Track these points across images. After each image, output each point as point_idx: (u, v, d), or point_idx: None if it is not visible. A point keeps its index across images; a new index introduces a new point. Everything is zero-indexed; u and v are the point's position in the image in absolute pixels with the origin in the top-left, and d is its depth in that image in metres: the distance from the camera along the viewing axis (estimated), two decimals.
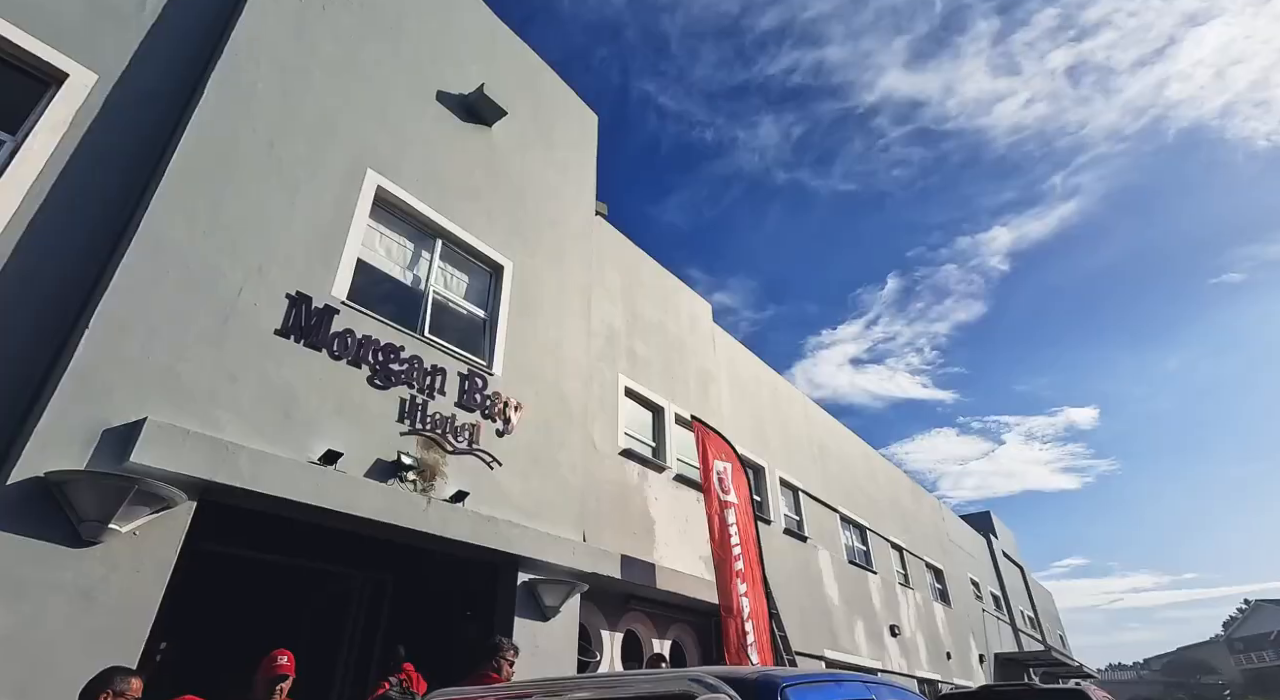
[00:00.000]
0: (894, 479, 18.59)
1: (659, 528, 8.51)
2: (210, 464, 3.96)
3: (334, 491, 4.64)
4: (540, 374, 7.18)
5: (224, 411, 4.34)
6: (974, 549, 23.60)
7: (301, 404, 4.86)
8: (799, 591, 11.33)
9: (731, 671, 1.70)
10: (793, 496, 12.78)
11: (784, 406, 13.88)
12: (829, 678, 1.86)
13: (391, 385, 5.57)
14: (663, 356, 10.33)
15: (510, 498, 6.20)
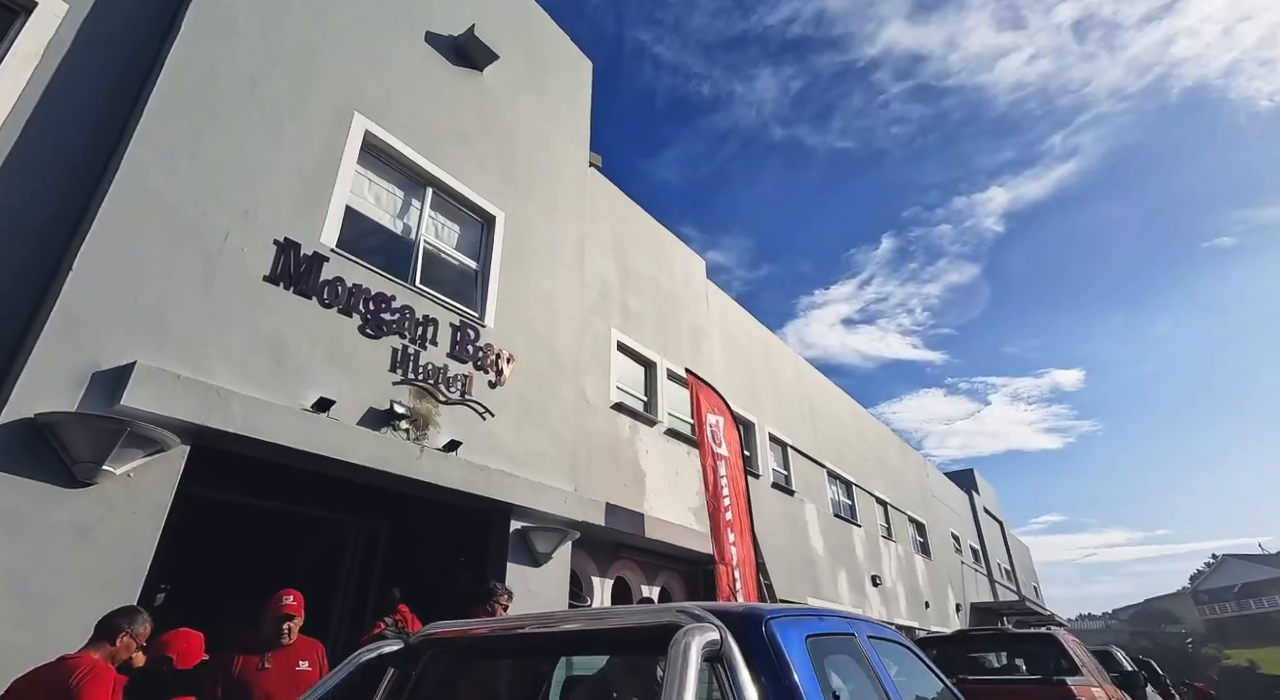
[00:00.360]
0: (881, 436, 18.90)
1: (649, 480, 8.66)
2: (202, 409, 3.96)
3: (327, 438, 4.67)
4: (532, 326, 7.17)
5: (214, 357, 4.31)
6: (956, 504, 24.22)
7: (292, 352, 4.84)
8: (785, 543, 11.64)
9: (718, 606, 1.75)
10: (782, 452, 13.00)
11: (775, 364, 13.97)
12: (811, 612, 1.93)
13: (383, 335, 5.54)
14: (656, 311, 10.31)
15: (502, 448, 6.27)
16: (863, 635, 2.09)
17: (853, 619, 2.15)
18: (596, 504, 7.13)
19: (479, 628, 2.05)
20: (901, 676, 2.25)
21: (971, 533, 25.03)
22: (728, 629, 1.57)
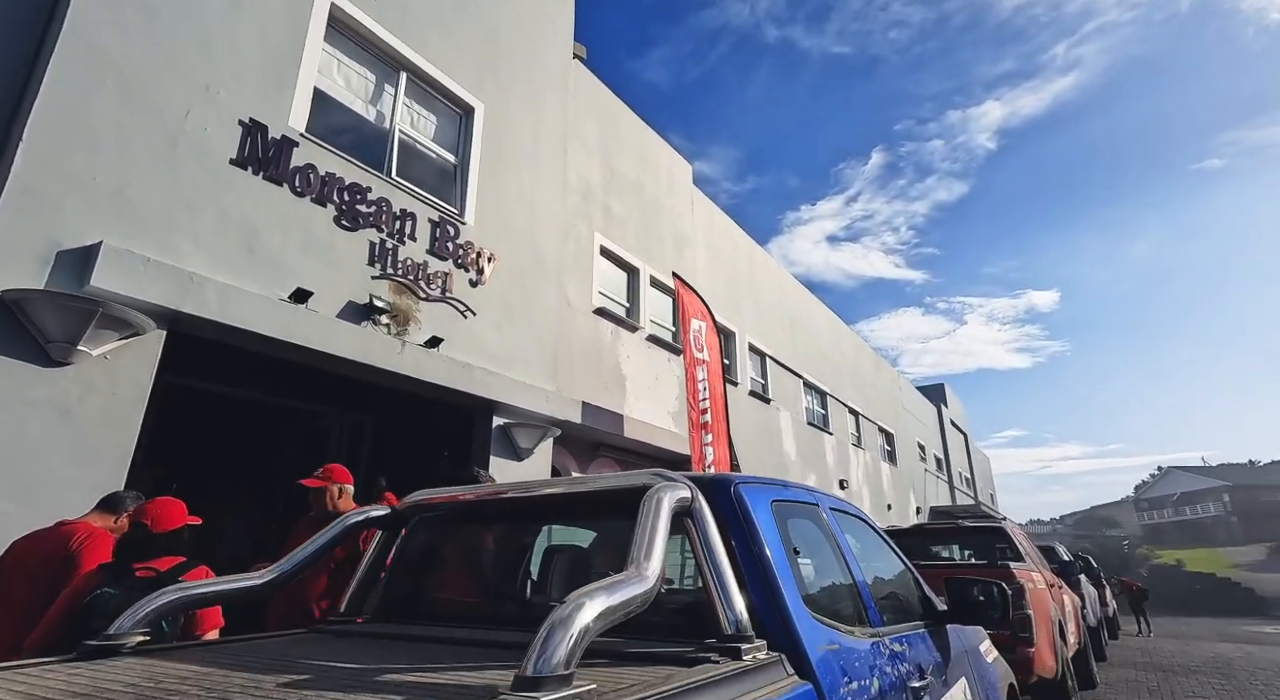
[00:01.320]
0: (858, 350, 19.29)
1: (630, 384, 8.82)
2: (176, 293, 3.89)
3: (306, 329, 4.64)
4: (513, 225, 7.02)
5: (184, 242, 4.19)
6: (924, 416, 25.19)
7: (265, 240, 4.71)
8: (759, 448, 12.11)
9: (690, 473, 1.84)
10: (761, 362, 13.25)
11: (759, 275, 13.96)
12: (777, 482, 2.03)
13: (359, 227, 5.40)
14: (640, 216, 10.12)
15: (484, 346, 6.30)
16: (825, 506, 2.23)
17: (816, 492, 2.28)
18: (579, 404, 7.30)
19: (463, 494, 2.15)
20: (859, 545, 2.42)
21: (937, 443, 26.22)
22: (699, 490, 1.66)
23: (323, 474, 3.47)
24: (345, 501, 3.43)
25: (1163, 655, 11.15)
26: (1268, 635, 22.21)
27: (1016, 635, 4.79)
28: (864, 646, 1.76)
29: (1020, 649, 4.75)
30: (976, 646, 2.90)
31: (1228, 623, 30.69)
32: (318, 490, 3.42)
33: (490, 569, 2.41)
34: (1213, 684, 7.95)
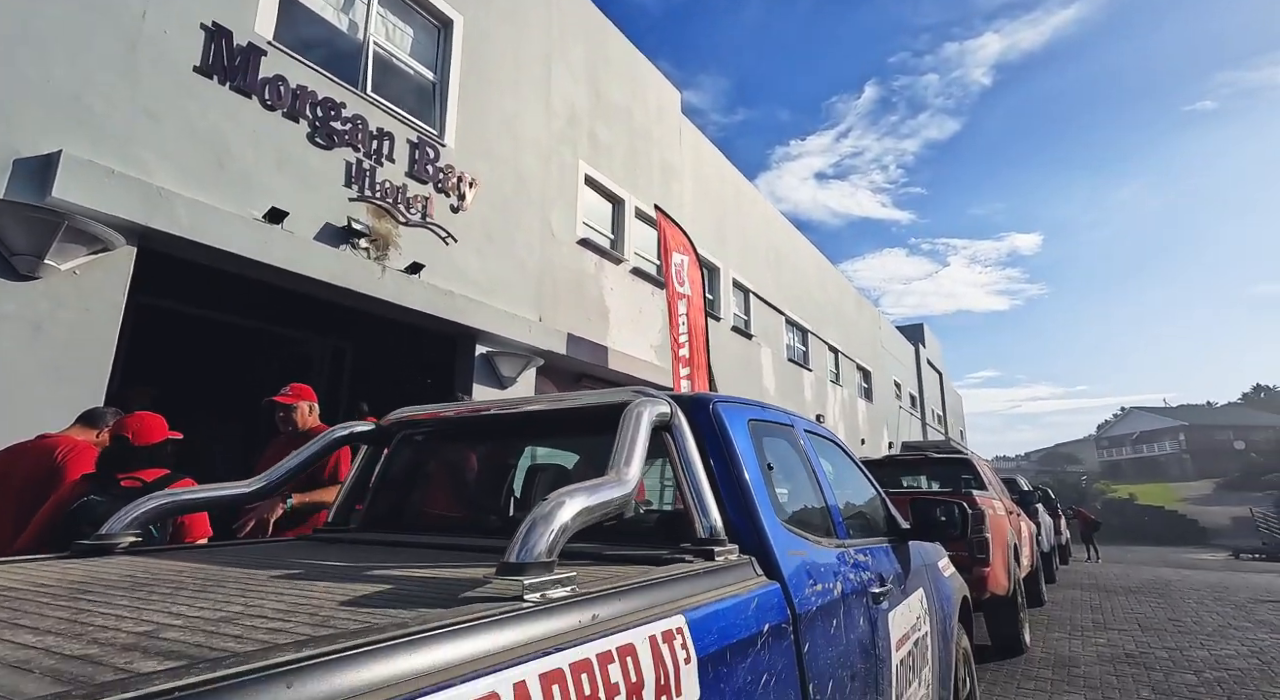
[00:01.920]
0: (840, 289, 19.37)
1: (613, 316, 8.82)
2: (144, 208, 3.77)
3: (283, 250, 4.55)
4: (495, 149, 6.80)
5: (149, 153, 4.01)
6: (902, 355, 25.65)
7: (236, 155, 4.53)
8: (739, 382, 12.29)
9: (670, 392, 1.87)
10: (744, 297, 13.27)
11: (745, 209, 13.77)
12: (755, 403, 2.08)
13: (335, 146, 5.20)
14: (626, 145, 9.83)
15: (466, 274, 6.23)
16: (800, 428, 2.30)
17: (793, 415, 2.34)
18: (562, 335, 7.31)
19: (446, 410, 2.18)
20: (831, 466, 2.51)
21: (913, 381, 26.82)
22: (679, 407, 1.70)
23: (291, 391, 3.47)
24: (314, 419, 3.45)
25: (1107, 578, 11.92)
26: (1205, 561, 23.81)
27: (974, 556, 5.08)
28: (830, 555, 1.87)
29: (977, 569, 5.05)
30: (935, 563, 3.07)
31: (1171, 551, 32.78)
32: (288, 407, 3.44)
33: (475, 485, 2.47)
34: (1149, 601, 8.56)
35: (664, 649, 1.02)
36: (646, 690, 0.94)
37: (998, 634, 5.55)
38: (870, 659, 1.88)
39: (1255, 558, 26.88)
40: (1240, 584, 11.40)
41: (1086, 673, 4.99)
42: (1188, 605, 8.32)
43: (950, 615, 2.96)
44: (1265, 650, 5.75)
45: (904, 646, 2.24)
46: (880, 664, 1.95)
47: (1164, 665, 5.21)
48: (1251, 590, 10.29)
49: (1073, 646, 5.85)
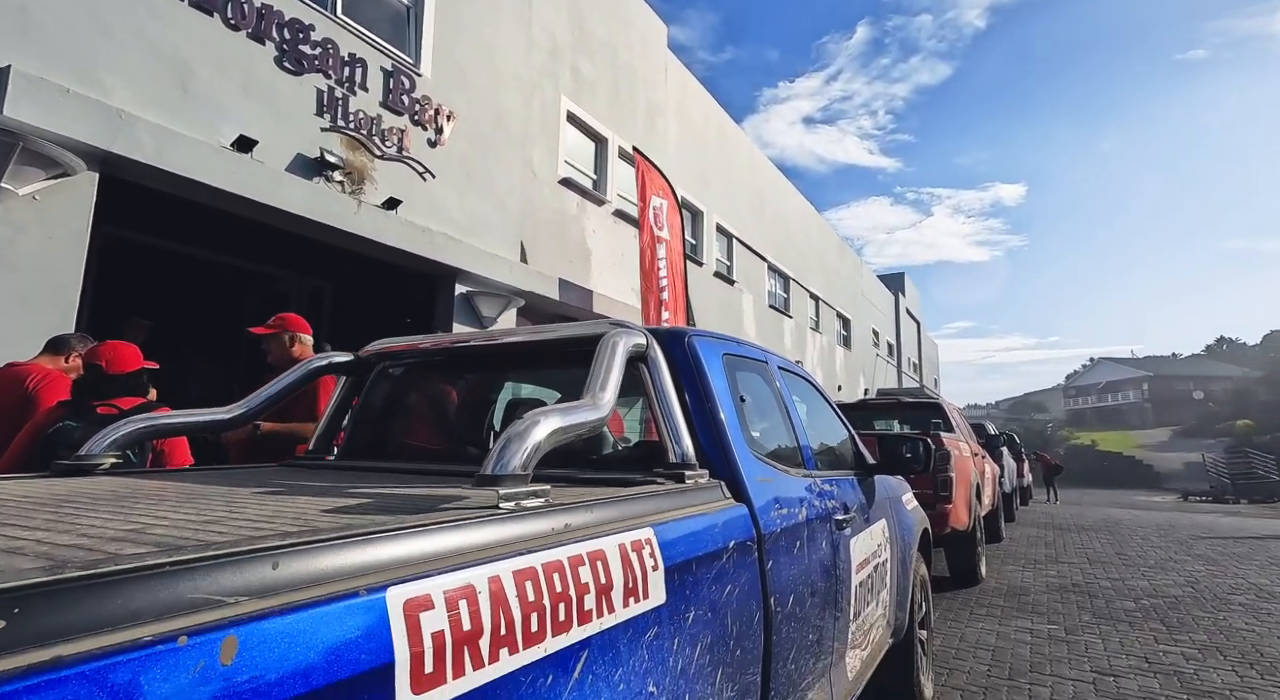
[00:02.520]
0: (824, 236, 19.31)
1: (595, 258, 8.75)
2: (104, 131, 3.61)
3: (252, 180, 4.40)
4: (474, 81, 6.55)
5: (107, 73, 3.81)
6: (882, 304, 25.91)
7: (200, 78, 4.32)
8: (720, 327, 12.37)
9: (650, 326, 1.89)
10: (727, 243, 13.19)
11: (731, 152, 13.52)
12: (730, 339, 2.12)
13: (304, 71, 4.97)
14: (610, 81, 9.51)
15: (445, 212, 6.10)
16: (774, 365, 2.36)
17: (768, 352, 2.40)
18: (544, 276, 7.25)
19: (424, 341, 2.19)
20: (803, 402, 2.59)
21: (891, 330, 27.20)
22: (655, 339, 1.74)
23: (274, 322, 3.44)
24: (302, 350, 3.43)
25: (1063, 518, 12.55)
26: (1156, 503, 25.10)
27: (938, 494, 5.32)
28: (797, 483, 1.95)
29: (940, 505, 5.29)
30: (899, 497, 3.22)
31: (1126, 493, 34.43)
32: (268, 337, 3.41)
33: (456, 417, 2.51)
34: (1099, 538, 9.07)
35: (633, 557, 1.08)
36: (615, 592, 1.01)
37: (956, 566, 5.87)
38: (831, 579, 1.99)
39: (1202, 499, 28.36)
40: (1185, 523, 12.07)
41: (1035, 600, 5.32)
42: (1134, 541, 8.82)
43: (910, 544, 3.13)
44: (1199, 580, 6.16)
45: (864, 570, 2.37)
46: (841, 584, 2.08)
47: (1107, 593, 5.57)
48: (1194, 528, 10.92)
49: (1025, 577, 6.22)
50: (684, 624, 1.17)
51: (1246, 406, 56.81)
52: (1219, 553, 7.93)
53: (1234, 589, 5.78)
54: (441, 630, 0.71)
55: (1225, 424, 52.76)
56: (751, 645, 1.44)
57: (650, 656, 1.05)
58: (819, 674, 1.89)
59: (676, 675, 1.11)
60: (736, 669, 1.36)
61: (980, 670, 3.76)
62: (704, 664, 1.21)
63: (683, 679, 1.12)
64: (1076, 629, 4.53)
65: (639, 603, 1.06)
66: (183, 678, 0.50)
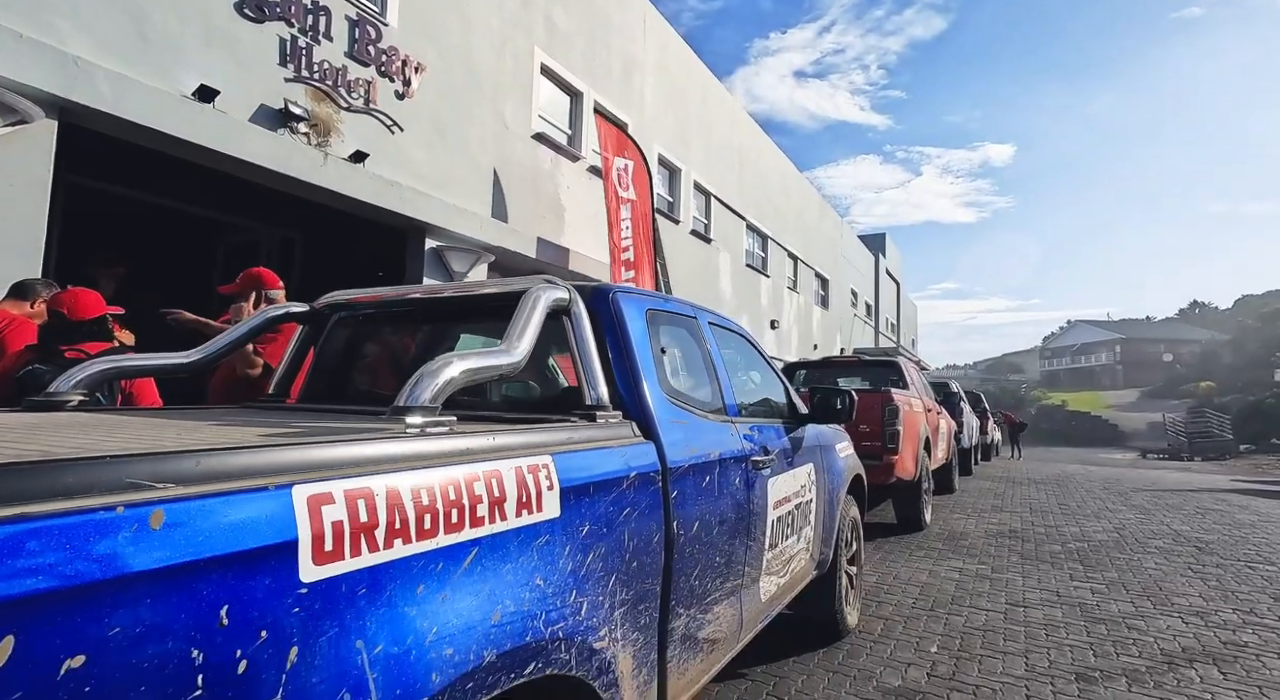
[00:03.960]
0: (804, 195, 19.31)
1: (569, 215, 8.80)
2: (61, 79, 3.61)
3: (214, 130, 4.42)
4: (443, 32, 6.46)
5: (60, 19, 3.78)
6: (862, 265, 26.12)
7: (158, 25, 4.28)
8: (696, 285, 12.51)
9: (580, 282, 2.06)
10: (705, 201, 13.21)
11: (712, 108, 13.39)
12: (658, 296, 2.30)
13: (266, 19, 4.91)
14: (585, 32, 9.35)
15: (414, 166, 6.12)
16: (704, 321, 2.54)
17: (700, 308, 2.57)
18: (515, 232, 7.32)
19: (374, 294, 2.34)
20: (735, 356, 2.79)
21: (870, 290, 27.51)
22: (579, 296, 1.90)
23: (242, 280, 3.55)
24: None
25: (1020, 472, 13.13)
26: (1114, 459, 26.15)
27: (885, 446, 5.63)
28: (712, 426, 2.16)
29: (887, 457, 5.62)
30: (832, 445, 3.46)
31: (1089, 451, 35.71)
32: (237, 295, 3.53)
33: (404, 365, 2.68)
34: (1047, 490, 9.58)
35: (529, 477, 1.28)
36: (508, 503, 1.20)
37: (903, 513, 6.25)
38: (743, 512, 2.22)
39: (1159, 457, 29.60)
40: (1134, 477, 12.71)
41: (972, 544, 5.71)
42: (1078, 494, 9.33)
43: (839, 488, 3.39)
44: (1126, 526, 6.62)
45: (783, 507, 2.62)
46: (754, 517, 2.31)
47: (1038, 538, 5.99)
48: (1138, 482, 11.53)
49: (967, 525, 6.63)
50: (577, 535, 1.38)
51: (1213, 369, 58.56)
52: (1153, 503, 8.44)
53: (1155, 535, 6.23)
54: (340, 520, 0.89)
55: (1189, 385, 54.41)
56: (651, 560, 1.66)
57: (540, 557, 1.26)
58: (727, 592, 2.13)
59: (566, 574, 1.32)
60: (634, 577, 1.58)
61: (907, 603, 4.12)
62: (596, 569, 1.42)
63: (572, 578, 1.34)
64: (1002, 568, 4.91)
65: (532, 514, 1.26)
66: (122, 535, 0.68)
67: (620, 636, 1.50)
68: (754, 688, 2.89)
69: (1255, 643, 3.45)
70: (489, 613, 1.10)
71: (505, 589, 1.15)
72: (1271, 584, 4.56)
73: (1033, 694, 2.85)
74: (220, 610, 0.74)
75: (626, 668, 1.53)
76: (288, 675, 0.80)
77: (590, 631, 1.35)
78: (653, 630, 1.69)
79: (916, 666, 3.13)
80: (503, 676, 1.09)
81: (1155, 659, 3.24)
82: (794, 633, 3.36)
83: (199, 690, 0.71)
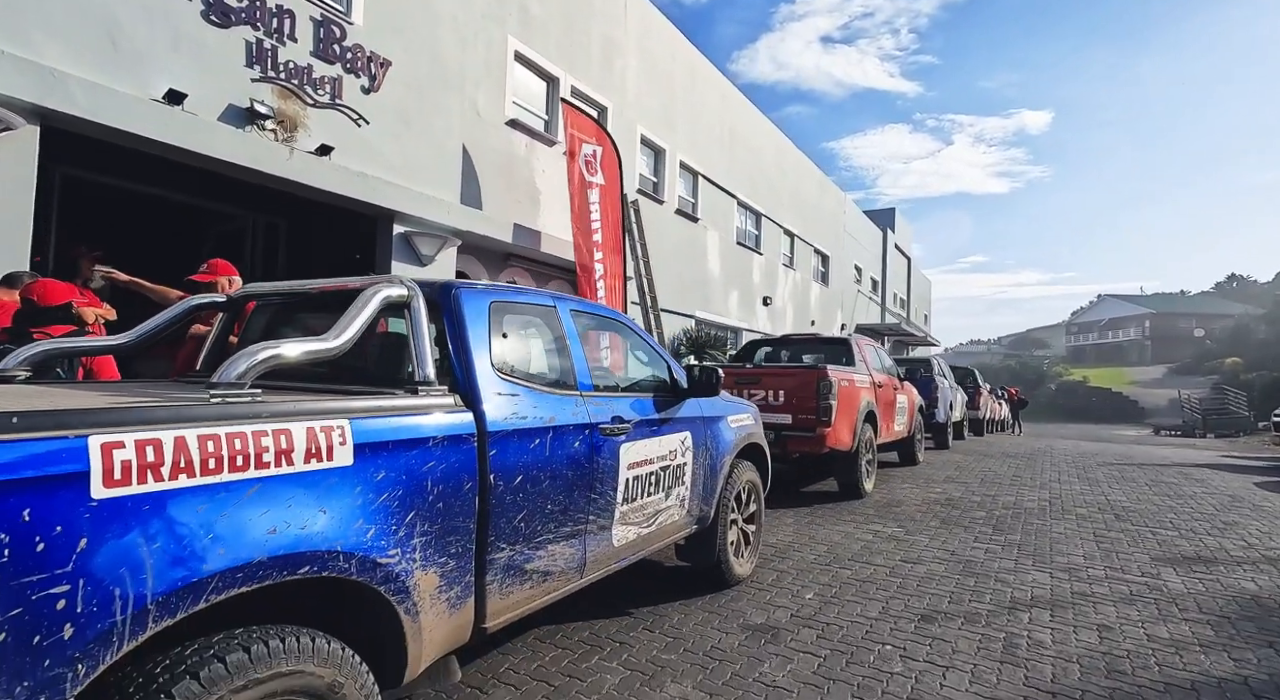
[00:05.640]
0: (802, 171, 19.32)
1: (544, 198, 9.14)
2: (38, 89, 4.06)
3: (184, 131, 4.86)
4: (409, 28, 6.79)
5: (37, 32, 4.22)
6: (867, 240, 26.02)
7: (129, 33, 4.71)
8: (681, 263, 12.81)
9: (436, 279, 2.47)
10: (692, 180, 13.41)
11: (699, 87, 13.51)
12: (509, 288, 2.68)
13: (232, 24, 5.31)
14: (563, 18, 9.58)
15: (382, 157, 6.52)
16: (564, 309, 2.92)
17: (561, 298, 2.96)
18: (483, 217, 7.71)
19: (275, 287, 2.77)
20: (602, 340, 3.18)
21: (876, 266, 27.42)
22: (422, 292, 2.31)
23: (208, 268, 4.02)
24: (235, 288, 4.02)
25: (1006, 446, 13.23)
26: (1120, 436, 26.03)
27: (819, 419, 6.00)
28: (552, 398, 2.56)
29: (820, 428, 5.99)
30: (724, 416, 3.85)
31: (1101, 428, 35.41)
32: (208, 284, 4.01)
33: None
34: (1012, 463, 9.83)
35: (320, 436, 1.70)
36: (296, 453, 1.63)
37: (842, 481, 6.64)
38: (584, 470, 2.63)
39: (1171, 433, 29.34)
40: (1117, 452, 12.85)
41: (903, 511, 6.08)
42: (1041, 466, 9.59)
43: (722, 454, 3.77)
44: (1063, 496, 6.92)
45: (642, 468, 3.02)
46: (600, 474, 2.72)
47: (968, 505, 6.33)
48: (1115, 456, 11.70)
49: (910, 493, 6.98)
50: (371, 480, 1.80)
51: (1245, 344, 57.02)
52: (1110, 476, 8.69)
53: (1085, 504, 6.53)
54: (129, 460, 1.32)
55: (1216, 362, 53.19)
56: (462, 503, 2.08)
57: (327, 494, 1.68)
58: (565, 535, 2.56)
59: (354, 507, 1.74)
60: (439, 515, 1.99)
61: (809, 559, 4.52)
62: (391, 505, 1.84)
63: (361, 511, 1.76)
64: (916, 531, 5.29)
65: (321, 462, 1.68)
66: None
67: (420, 558, 1.93)
68: (633, 622, 3.34)
69: (1102, 593, 3.81)
70: (266, 529, 1.53)
71: (285, 514, 1.58)
72: (1161, 547, 4.88)
73: (873, 630, 3.26)
74: (24, 511, 1.18)
75: (429, 583, 1.96)
76: (79, 554, 1.23)
77: (377, 550, 1.78)
78: (467, 558, 2.12)
79: (785, 609, 3.55)
80: (274, 572, 1.52)
81: (1001, 605, 3.62)
82: (689, 582, 3.82)
83: (5, 558, 1.15)
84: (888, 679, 2.76)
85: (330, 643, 1.63)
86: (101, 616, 1.24)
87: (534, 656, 2.95)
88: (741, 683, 2.73)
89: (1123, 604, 3.64)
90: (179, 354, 3.96)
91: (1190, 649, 3.06)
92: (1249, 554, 4.70)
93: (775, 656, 2.97)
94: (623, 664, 2.89)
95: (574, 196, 8.11)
